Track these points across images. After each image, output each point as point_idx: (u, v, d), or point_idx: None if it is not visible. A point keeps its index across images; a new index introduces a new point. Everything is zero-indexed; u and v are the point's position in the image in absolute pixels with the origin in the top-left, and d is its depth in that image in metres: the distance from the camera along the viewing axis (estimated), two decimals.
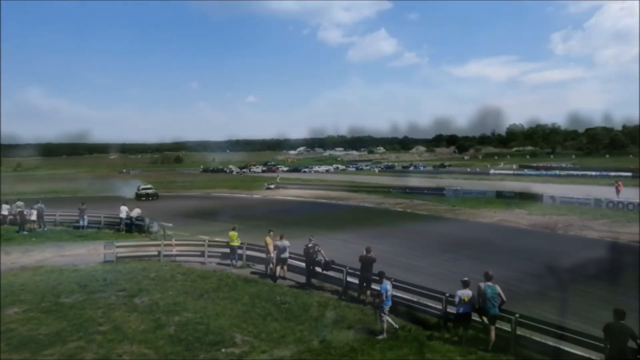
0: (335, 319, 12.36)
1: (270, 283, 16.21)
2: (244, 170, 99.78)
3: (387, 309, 11.29)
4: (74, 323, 12.06)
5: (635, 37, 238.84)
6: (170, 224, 24.47)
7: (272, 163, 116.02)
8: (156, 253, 19.64)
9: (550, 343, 9.72)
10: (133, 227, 26.59)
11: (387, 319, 11.29)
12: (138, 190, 46.10)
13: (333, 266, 15.26)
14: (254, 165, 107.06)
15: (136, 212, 27.12)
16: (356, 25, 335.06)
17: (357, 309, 13.31)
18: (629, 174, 61.63)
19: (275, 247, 16.66)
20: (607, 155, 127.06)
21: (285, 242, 16.49)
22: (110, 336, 11.25)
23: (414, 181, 60.82)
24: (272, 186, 56.00)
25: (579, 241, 23.15)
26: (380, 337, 11.02)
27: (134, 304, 13.67)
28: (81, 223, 28.02)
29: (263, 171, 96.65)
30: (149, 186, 47.53)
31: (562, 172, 71.57)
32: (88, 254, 20.69)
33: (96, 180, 70.35)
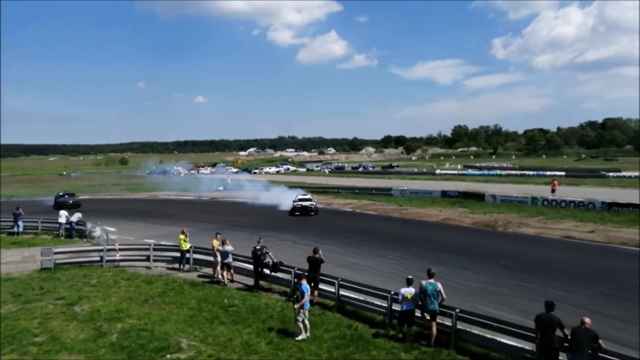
0: (283, 320, 12.40)
1: (218, 286, 16.03)
2: (192, 171, 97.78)
3: (306, 310, 11.28)
4: (6, 335, 11.43)
5: (568, 44, 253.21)
6: (113, 228, 23.67)
7: (220, 164, 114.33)
8: (98, 259, 18.95)
9: (488, 335, 10.18)
10: (73, 232, 25.48)
11: (305, 321, 11.24)
12: (294, 200, 34.81)
13: (281, 267, 15.28)
14: (203, 167, 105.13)
15: (76, 216, 25.99)
16: (307, 27, 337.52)
17: None
18: (563, 173, 65.35)
19: (218, 252, 16.51)
20: (544, 156, 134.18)
21: (228, 247, 16.36)
22: (46, 347, 10.75)
23: (363, 182, 61.70)
24: (222, 188, 55.22)
25: (516, 238, 24.33)
26: (300, 337, 11.01)
27: (74, 313, 13.13)
28: (15, 229, 26.58)
29: (211, 172, 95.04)
30: (308, 196, 36.25)
31: (503, 172, 74.79)
32: (23, 262, 19.67)
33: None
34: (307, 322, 11.31)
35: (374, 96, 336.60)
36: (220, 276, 16.56)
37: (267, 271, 15.55)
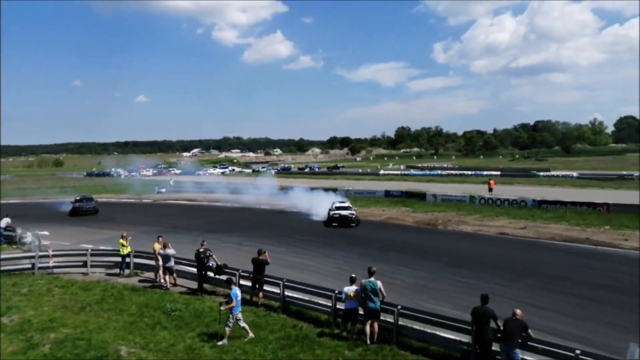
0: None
1: (160, 291, 15.61)
2: (133, 173, 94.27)
3: (237, 315, 11.07)
4: None
5: (502, 50, 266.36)
6: (46, 232, 22.45)
7: (163, 166, 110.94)
8: (29, 266, 17.89)
9: (428, 330, 10.55)
10: (1, 239, 23.89)
11: (244, 325, 11.11)
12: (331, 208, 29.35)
13: (225, 270, 15.09)
14: (144, 169, 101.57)
15: (5, 221, 24.41)
16: (252, 27, 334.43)
17: (249, 311, 13.28)
18: (498, 173, 68.60)
19: (160, 255, 16.08)
20: (481, 156, 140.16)
21: (170, 251, 15.98)
22: None
23: (309, 182, 61.93)
24: (164, 190, 53.68)
25: (455, 235, 25.33)
26: (221, 342, 10.84)
27: (2, 324, 12.35)
28: None
29: (154, 174, 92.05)
30: (346, 204, 30.03)
31: (444, 172, 77.45)
32: None
33: None
34: (242, 324, 11.15)
35: (320, 97, 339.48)
36: (162, 280, 16.14)
37: (211, 274, 15.31)
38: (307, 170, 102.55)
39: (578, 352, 8.22)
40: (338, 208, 28.74)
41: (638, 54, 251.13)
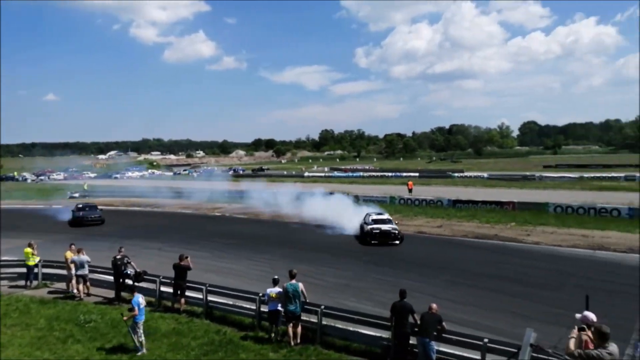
0: (147, 332, 11.81)
1: (73, 302, 14.69)
2: (41, 177, 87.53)
3: (140, 324, 10.61)
4: None
5: (420, 57, 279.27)
6: None
7: (75, 169, 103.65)
8: None
9: (351, 328, 10.85)
10: None
11: (140, 336, 10.59)
12: (366, 221, 24.09)
13: (145, 277, 14.53)
14: (51, 172, 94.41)
15: None
16: (173, 25, 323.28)
17: (171, 318, 12.94)
18: (417, 174, 71.79)
19: (73, 262, 15.15)
20: (401, 158, 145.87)
21: (84, 257, 15.13)
22: None
23: (233, 185, 61.04)
24: (77, 195, 50.45)
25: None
26: (140, 353, 10.46)
27: None
28: None
29: (65, 178, 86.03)
30: (386, 216, 24.81)
31: (366, 174, 79.66)
32: None
33: None
34: (141, 336, 10.58)
35: (244, 99, 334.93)
36: (75, 290, 15.19)
37: (129, 282, 14.65)
38: (231, 172, 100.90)
39: (486, 340, 8.86)
40: (376, 221, 23.53)
41: (538, 65, 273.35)
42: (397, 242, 22.53)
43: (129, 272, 14.59)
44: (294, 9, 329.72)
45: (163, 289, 14.25)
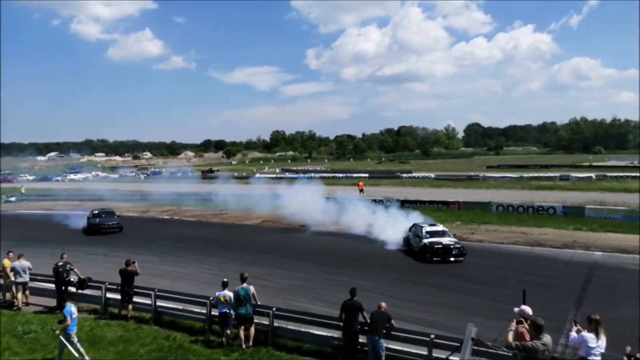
0: (92, 340, 11.42)
1: (9, 312, 13.96)
2: None
3: (73, 334, 10.13)
4: None
5: (369, 59, 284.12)
6: None
7: (8, 172, 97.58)
8: None
9: (302, 329, 10.95)
10: None
11: (78, 347, 10.09)
12: (417, 234, 20.74)
13: (90, 284, 14.02)
14: None
15: None
16: (117, 22, 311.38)
17: (118, 326, 12.57)
18: (367, 175, 72.99)
19: (13, 269, 14.40)
20: (351, 159, 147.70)
21: (25, 263, 14.42)
22: None
23: (183, 187, 59.76)
24: (13, 199, 47.83)
25: (329, 235, 26.37)
26: None
27: None
28: None
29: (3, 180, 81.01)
30: (441, 228, 21.27)
31: (317, 175, 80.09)
32: None
33: None
34: (79, 347, 10.08)
35: (193, 99, 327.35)
36: (14, 299, 14.41)
37: (72, 289, 14.09)
38: (179, 174, 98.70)
39: (433, 336, 9.20)
40: (432, 234, 20.14)
41: (481, 69, 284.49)
42: (462, 258, 19.01)
43: (71, 279, 14.03)
44: (243, 9, 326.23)
45: (109, 295, 13.81)
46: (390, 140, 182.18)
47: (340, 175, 77.43)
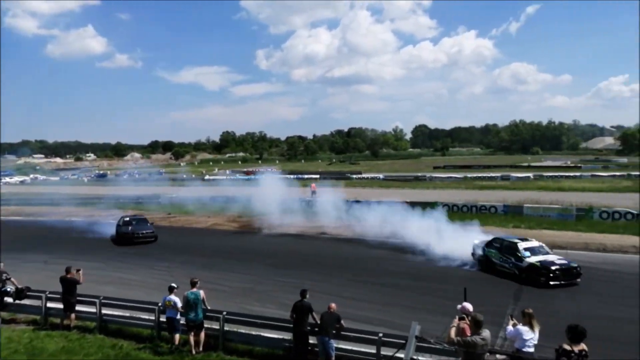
0: (32, 352, 10.94)
1: None
2: None
3: None
4: None
5: (319, 61, 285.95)
6: None
7: None
8: None
9: (253, 332, 10.96)
10: None
11: None
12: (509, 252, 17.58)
13: (29, 293, 13.38)
14: None
15: None
16: (56, 18, 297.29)
17: (60, 336, 12.07)
18: (318, 176, 73.46)
19: None
20: (303, 161, 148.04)
21: None
22: None
23: (130, 190, 57.83)
24: None
25: (281, 237, 26.42)
26: None
27: None
28: None
29: None
30: (537, 243, 17.81)
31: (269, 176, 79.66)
32: None
33: None
34: None
35: (140, 99, 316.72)
36: None
37: (9, 300, 13.40)
38: (125, 176, 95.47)
39: (381, 335, 9.46)
40: (534, 251, 16.77)
41: (427, 72, 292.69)
42: (579, 279, 15.84)
43: (8, 289, 13.34)
44: (191, 8, 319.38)
45: (50, 305, 13.24)
46: (341, 142, 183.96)
47: (292, 176, 77.47)
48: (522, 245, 17.11)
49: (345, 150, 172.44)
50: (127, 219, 27.30)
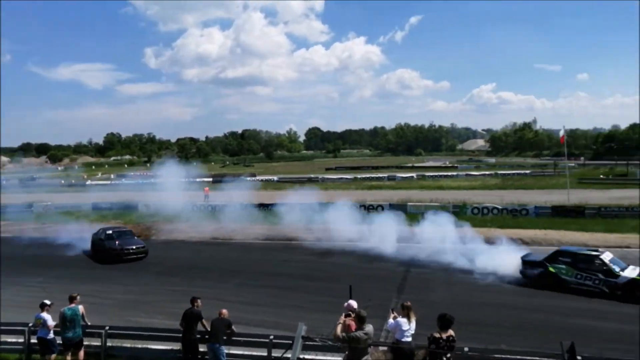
0: None
1: None
2: None
3: None
4: None
5: (212, 61, 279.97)
6: None
7: None
8: None
9: (139, 346, 10.46)
10: None
11: None
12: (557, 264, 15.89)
13: None
14: None
15: None
16: None
17: None
18: (211, 179, 71.83)
19: None
20: (195, 163, 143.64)
21: None
22: None
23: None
24: None
25: (168, 244, 25.40)
26: None
27: None
28: None
29: None
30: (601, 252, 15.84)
31: (157, 180, 76.12)
32: None
33: None
34: None
35: (9, 96, 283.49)
36: None
37: None
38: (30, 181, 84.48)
39: (272, 337, 9.60)
40: (618, 263, 15.09)
41: (319, 75, 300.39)
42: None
43: None
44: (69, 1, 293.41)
45: None
46: (235, 144, 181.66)
47: (183, 179, 74.80)
48: (606, 257, 15.00)
49: (239, 152, 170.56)
50: (110, 231, 22.97)
